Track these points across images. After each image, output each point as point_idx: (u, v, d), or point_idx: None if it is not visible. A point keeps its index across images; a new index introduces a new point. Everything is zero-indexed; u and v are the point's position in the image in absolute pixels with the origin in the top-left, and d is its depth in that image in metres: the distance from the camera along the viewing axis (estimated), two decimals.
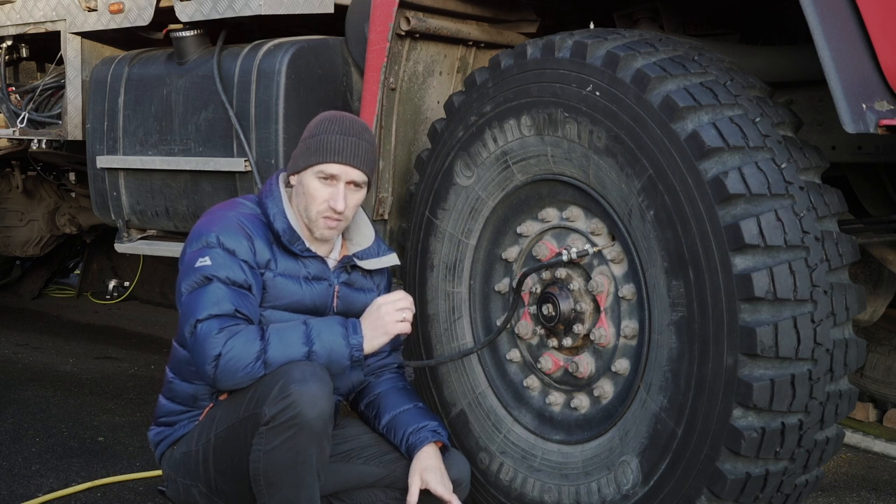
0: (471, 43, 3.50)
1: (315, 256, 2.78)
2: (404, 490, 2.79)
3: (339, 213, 2.71)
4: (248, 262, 2.65)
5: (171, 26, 3.90)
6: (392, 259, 2.93)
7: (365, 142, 2.75)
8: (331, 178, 2.71)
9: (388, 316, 2.66)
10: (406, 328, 2.69)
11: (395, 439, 2.82)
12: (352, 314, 2.80)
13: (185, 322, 2.59)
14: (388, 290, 2.97)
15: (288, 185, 2.82)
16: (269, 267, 2.71)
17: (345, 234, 2.90)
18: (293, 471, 2.52)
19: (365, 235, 2.90)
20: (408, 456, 2.79)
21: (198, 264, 2.62)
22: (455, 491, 2.78)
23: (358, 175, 2.73)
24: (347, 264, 2.84)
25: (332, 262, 2.83)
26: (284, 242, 2.72)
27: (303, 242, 2.75)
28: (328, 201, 2.70)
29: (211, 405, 2.76)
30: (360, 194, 2.78)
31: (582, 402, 2.91)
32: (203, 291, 2.58)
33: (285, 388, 2.47)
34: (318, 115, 2.83)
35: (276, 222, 2.73)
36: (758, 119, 2.58)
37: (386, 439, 2.86)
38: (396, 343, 3.00)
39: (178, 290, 2.66)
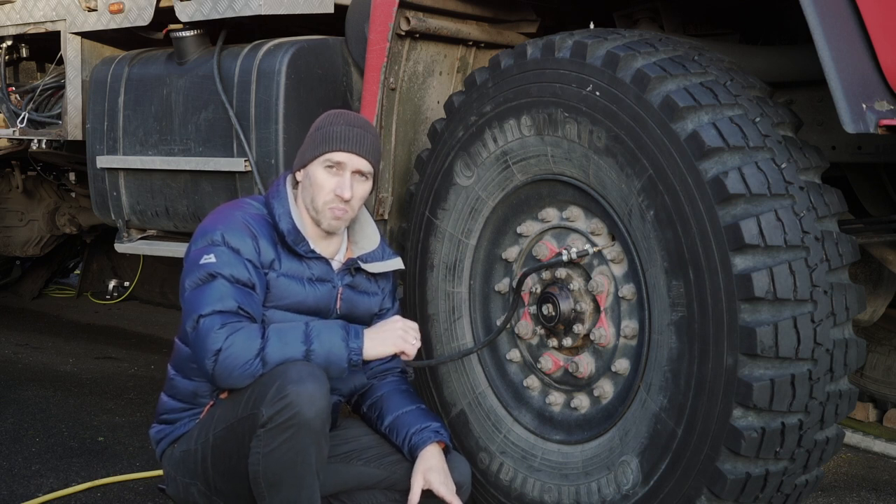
0: (471, 43, 3.50)
1: (319, 258, 2.79)
2: (404, 492, 2.79)
3: (346, 202, 2.72)
4: (253, 261, 2.66)
5: (171, 26, 3.90)
6: (397, 263, 2.93)
7: (370, 134, 2.80)
8: (337, 166, 2.73)
9: (402, 332, 2.69)
10: (412, 351, 2.71)
11: (397, 440, 2.83)
12: (354, 316, 2.82)
13: (188, 317, 2.61)
14: (394, 293, 2.99)
15: (295, 186, 2.83)
16: (273, 267, 2.72)
17: (350, 237, 2.91)
18: (293, 471, 2.52)
19: (370, 238, 2.90)
20: (410, 457, 2.79)
21: (202, 261, 2.63)
22: (457, 493, 2.79)
23: (364, 164, 2.76)
24: (352, 267, 2.84)
25: (336, 264, 2.84)
26: (289, 243, 2.73)
27: (307, 243, 2.75)
28: (335, 190, 2.72)
29: (211, 403, 2.77)
30: (367, 186, 2.80)
31: (582, 402, 2.91)
32: (207, 288, 2.60)
33: (282, 388, 2.48)
34: (324, 113, 2.86)
35: (281, 222, 2.73)
36: (758, 119, 2.58)
37: (388, 440, 2.86)
38: None
39: (182, 286, 2.68)
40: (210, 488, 2.73)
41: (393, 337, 2.68)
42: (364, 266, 2.86)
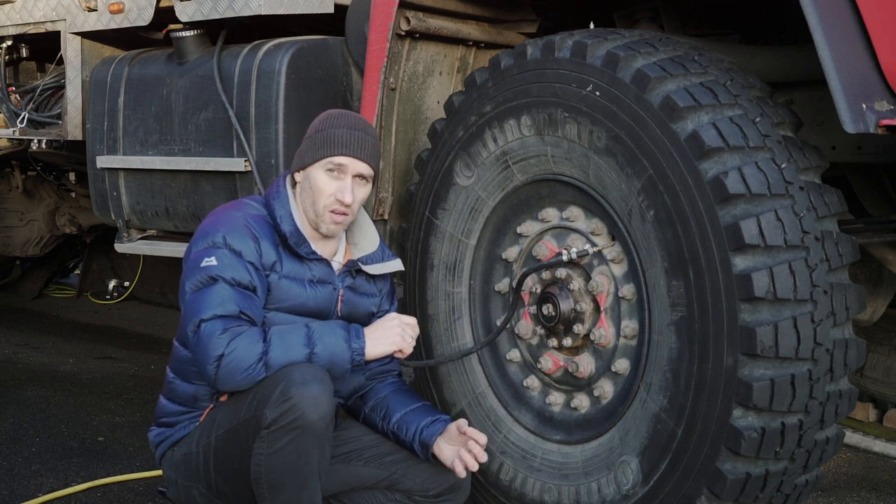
0: (471, 43, 3.50)
1: (320, 259, 2.78)
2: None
3: (347, 206, 2.72)
4: (254, 263, 2.65)
5: (171, 26, 3.90)
6: (396, 265, 2.93)
7: (371, 136, 2.78)
8: (339, 169, 2.72)
9: (399, 330, 2.69)
10: (409, 349, 2.72)
11: (406, 436, 2.82)
12: (354, 318, 2.81)
13: (189, 321, 2.59)
14: (392, 295, 2.98)
15: (293, 186, 2.82)
16: (275, 269, 2.71)
17: (349, 238, 2.90)
18: (295, 473, 2.51)
19: (370, 240, 2.90)
20: (421, 451, 2.79)
21: (203, 264, 2.61)
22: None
23: (365, 168, 2.75)
24: (352, 269, 2.84)
25: (336, 266, 2.83)
26: (291, 245, 2.72)
27: (309, 245, 2.75)
28: (335, 194, 2.71)
29: (211, 406, 2.76)
30: (366, 189, 2.79)
31: (582, 402, 2.91)
32: (208, 291, 2.58)
33: (286, 390, 2.47)
34: (322, 113, 2.84)
35: (283, 224, 2.72)
36: (758, 119, 2.58)
37: (396, 438, 2.85)
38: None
39: (182, 288, 2.66)
40: (212, 490, 2.73)
41: (391, 335, 2.68)
42: (365, 268, 2.85)
